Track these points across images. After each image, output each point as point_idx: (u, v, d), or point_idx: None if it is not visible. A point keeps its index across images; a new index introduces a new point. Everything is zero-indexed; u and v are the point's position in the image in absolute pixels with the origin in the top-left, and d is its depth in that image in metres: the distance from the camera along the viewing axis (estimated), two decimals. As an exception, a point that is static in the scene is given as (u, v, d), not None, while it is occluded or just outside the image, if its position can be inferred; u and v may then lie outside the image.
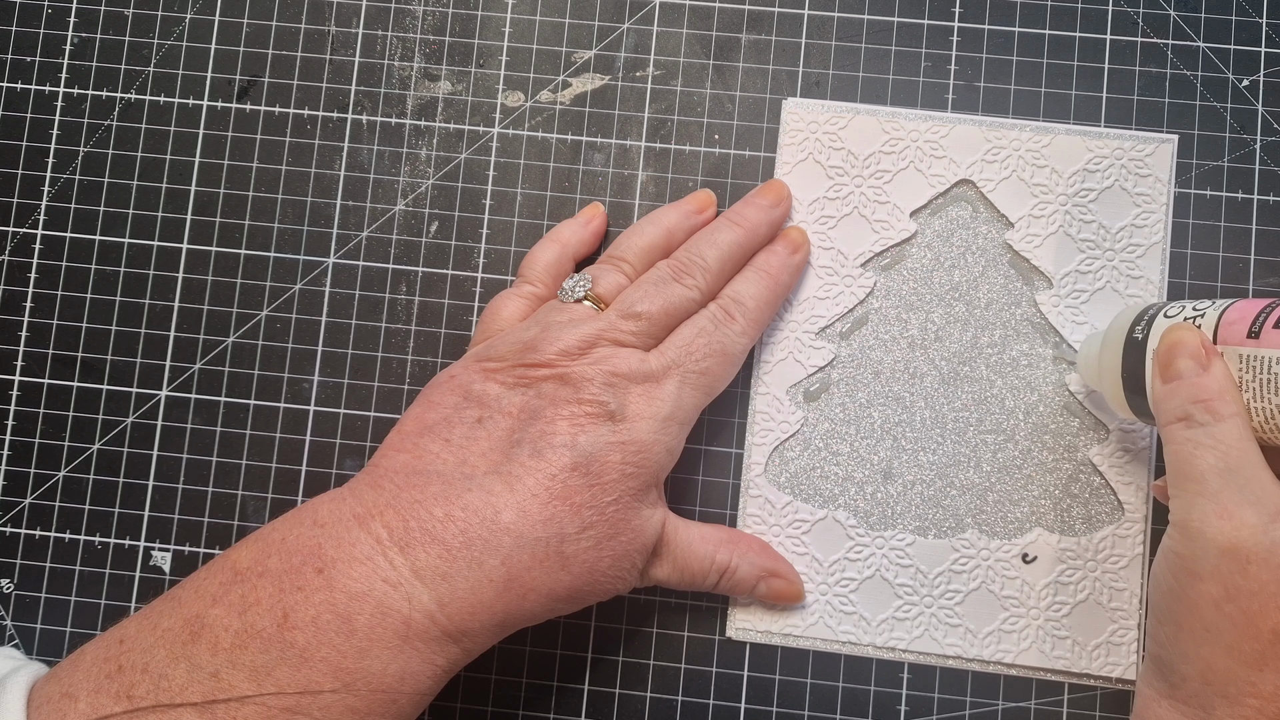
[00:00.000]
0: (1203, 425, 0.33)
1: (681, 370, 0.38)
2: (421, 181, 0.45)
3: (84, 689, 0.33)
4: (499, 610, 0.35)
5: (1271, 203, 0.43)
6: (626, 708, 0.42)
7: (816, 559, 0.42)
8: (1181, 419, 0.34)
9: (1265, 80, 0.44)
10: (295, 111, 0.46)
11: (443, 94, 0.45)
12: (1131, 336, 0.37)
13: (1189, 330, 0.35)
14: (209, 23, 0.46)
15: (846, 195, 0.44)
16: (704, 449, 0.43)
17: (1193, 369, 0.34)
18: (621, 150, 0.45)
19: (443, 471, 0.36)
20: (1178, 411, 0.34)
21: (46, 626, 0.44)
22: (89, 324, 0.45)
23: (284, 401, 0.44)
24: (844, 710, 0.42)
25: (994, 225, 0.43)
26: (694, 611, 0.43)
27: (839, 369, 0.43)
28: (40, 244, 0.45)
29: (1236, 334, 0.34)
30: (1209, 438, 0.33)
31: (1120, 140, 0.43)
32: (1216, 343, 0.35)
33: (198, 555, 0.44)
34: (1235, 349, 0.34)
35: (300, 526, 0.35)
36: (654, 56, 0.45)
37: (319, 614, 0.33)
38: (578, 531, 0.36)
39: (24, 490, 0.45)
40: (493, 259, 0.45)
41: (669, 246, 0.42)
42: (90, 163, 0.46)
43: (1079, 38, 0.44)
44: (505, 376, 0.38)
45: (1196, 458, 0.33)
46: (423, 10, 0.46)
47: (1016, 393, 0.43)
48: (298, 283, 0.45)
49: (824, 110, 0.44)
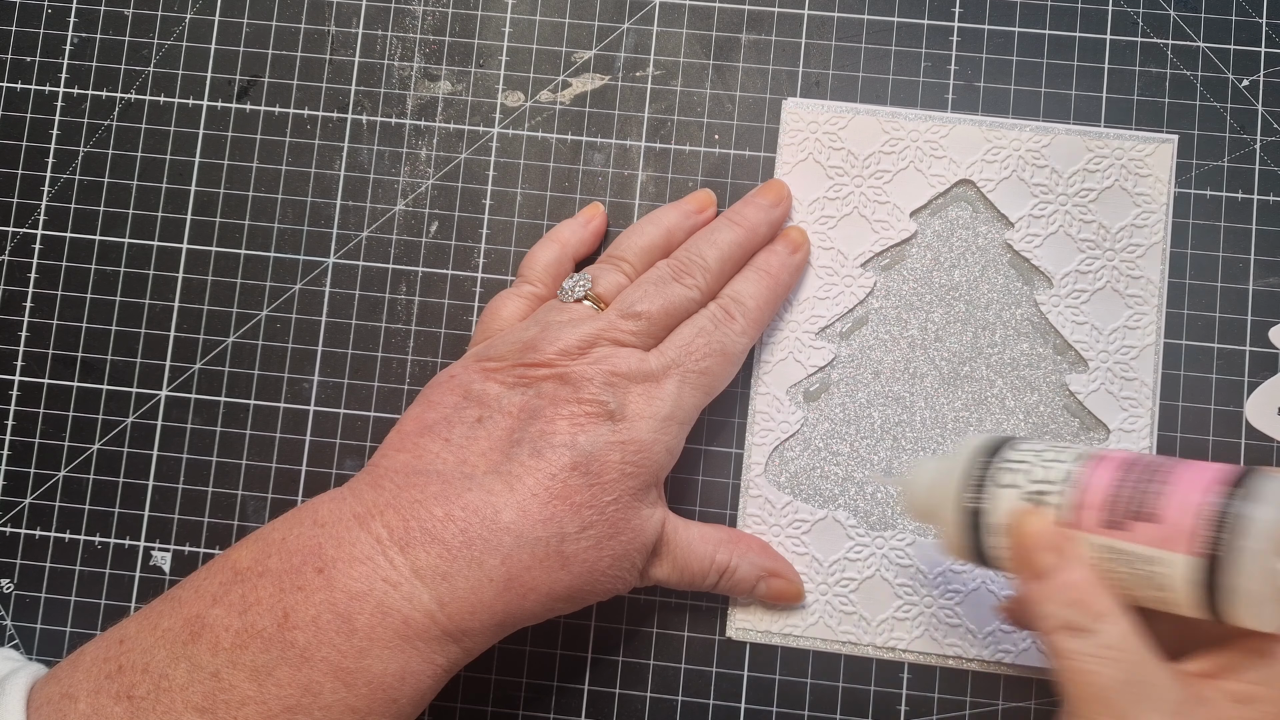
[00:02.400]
0: (1090, 634, 0.31)
1: (681, 370, 0.38)
2: (421, 181, 0.45)
3: (84, 689, 0.33)
4: (499, 610, 0.35)
5: (1271, 203, 0.43)
6: (626, 708, 0.42)
7: (816, 559, 0.42)
8: (1063, 627, 0.31)
9: (1265, 80, 0.44)
10: (295, 111, 0.46)
11: (443, 94, 0.45)
12: (965, 506, 0.34)
13: (1043, 519, 0.32)
14: (209, 23, 0.46)
15: (846, 195, 0.44)
16: (704, 449, 0.43)
17: (1055, 563, 0.32)
18: (621, 150, 0.45)
19: (443, 471, 0.36)
20: (1057, 619, 0.31)
21: (46, 626, 0.44)
22: (89, 324, 0.45)
23: (284, 401, 0.44)
24: (844, 710, 0.42)
25: (994, 225, 0.43)
26: (694, 611, 0.43)
27: (839, 369, 0.43)
28: (40, 244, 0.45)
29: (1094, 520, 0.32)
30: (1100, 648, 0.31)
31: (1120, 140, 0.43)
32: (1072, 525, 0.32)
33: (198, 555, 0.44)
34: (1095, 537, 0.32)
35: (300, 526, 0.35)
36: (654, 56, 0.45)
37: (319, 614, 0.33)
38: (578, 531, 0.36)
39: (24, 490, 0.45)
40: (493, 259, 0.45)
41: (669, 246, 0.42)
42: (90, 163, 0.46)
43: (1079, 38, 0.44)
44: (505, 376, 0.38)
45: (1094, 674, 0.30)
46: (423, 10, 0.46)
47: (1016, 393, 0.43)
48: (298, 283, 0.45)
49: (824, 110, 0.44)
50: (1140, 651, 0.31)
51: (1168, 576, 0.30)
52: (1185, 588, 0.30)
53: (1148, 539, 0.31)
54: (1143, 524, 0.31)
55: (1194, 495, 0.30)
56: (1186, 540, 0.30)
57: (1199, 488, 0.30)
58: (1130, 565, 0.31)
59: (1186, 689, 0.31)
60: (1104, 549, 0.32)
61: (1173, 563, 0.30)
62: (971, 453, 0.35)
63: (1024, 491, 0.33)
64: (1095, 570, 0.32)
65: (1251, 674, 0.31)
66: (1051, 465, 0.33)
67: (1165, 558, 0.30)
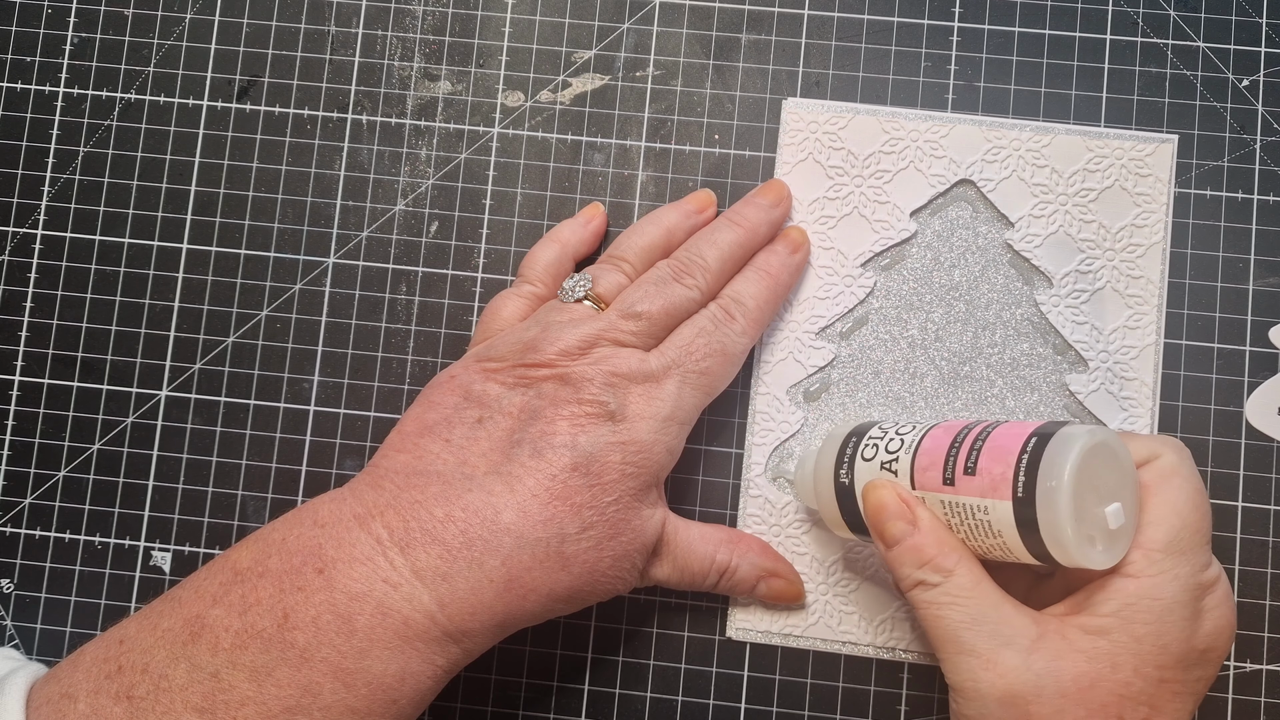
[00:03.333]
0: (937, 585, 0.34)
1: (682, 370, 0.38)
2: (421, 181, 0.45)
3: (84, 689, 0.33)
4: (499, 610, 0.35)
5: (1271, 203, 0.43)
6: (626, 708, 0.42)
7: (816, 559, 0.42)
8: (917, 585, 0.34)
9: (1265, 80, 0.44)
10: (295, 111, 0.46)
11: (443, 94, 0.45)
12: (839, 482, 0.38)
13: (887, 488, 0.36)
14: (209, 23, 0.46)
15: (846, 195, 0.44)
16: (704, 449, 0.43)
17: (905, 530, 0.35)
18: (621, 150, 0.45)
19: (443, 472, 0.36)
20: (910, 579, 0.35)
21: (46, 626, 0.44)
22: (89, 324, 0.45)
23: (284, 401, 0.44)
24: (844, 710, 0.42)
25: (994, 225, 0.43)
26: (694, 611, 0.43)
27: (839, 369, 0.43)
28: (40, 244, 0.45)
29: (932, 480, 0.35)
30: (947, 595, 0.34)
31: (1120, 140, 0.43)
32: (915, 487, 0.35)
33: (198, 555, 0.44)
34: (935, 495, 0.35)
35: (300, 527, 0.35)
36: (654, 56, 0.45)
37: (319, 614, 0.33)
38: (578, 532, 0.36)
39: (24, 490, 0.45)
40: (493, 259, 0.45)
41: (669, 246, 0.42)
42: (90, 163, 0.46)
43: (1079, 38, 0.44)
44: (505, 376, 0.38)
45: (944, 618, 0.34)
46: (423, 10, 0.46)
47: (1016, 393, 0.43)
48: (298, 283, 0.45)
49: (824, 110, 0.44)
50: (989, 595, 0.33)
51: (997, 523, 0.33)
52: (1011, 532, 0.33)
53: (976, 490, 0.34)
54: (970, 478, 0.34)
55: (1009, 446, 0.33)
56: (1005, 487, 0.33)
57: (1013, 440, 0.33)
58: (968, 516, 0.34)
59: (1043, 627, 0.33)
60: (943, 505, 0.35)
61: (997, 509, 0.33)
62: (844, 435, 0.38)
63: (879, 463, 0.37)
64: (941, 528, 0.34)
65: (1101, 608, 0.33)
66: (902, 437, 0.36)
67: (991, 505, 0.33)
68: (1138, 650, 0.32)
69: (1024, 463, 0.33)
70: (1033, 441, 0.33)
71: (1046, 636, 0.33)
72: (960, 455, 0.34)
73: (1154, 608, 0.32)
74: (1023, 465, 0.33)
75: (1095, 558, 0.32)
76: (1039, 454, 0.32)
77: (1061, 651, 0.32)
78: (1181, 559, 0.33)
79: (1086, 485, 0.32)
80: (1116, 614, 0.33)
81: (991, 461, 0.33)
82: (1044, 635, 0.33)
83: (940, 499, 0.35)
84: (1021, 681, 0.32)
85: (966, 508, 0.34)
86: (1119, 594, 0.33)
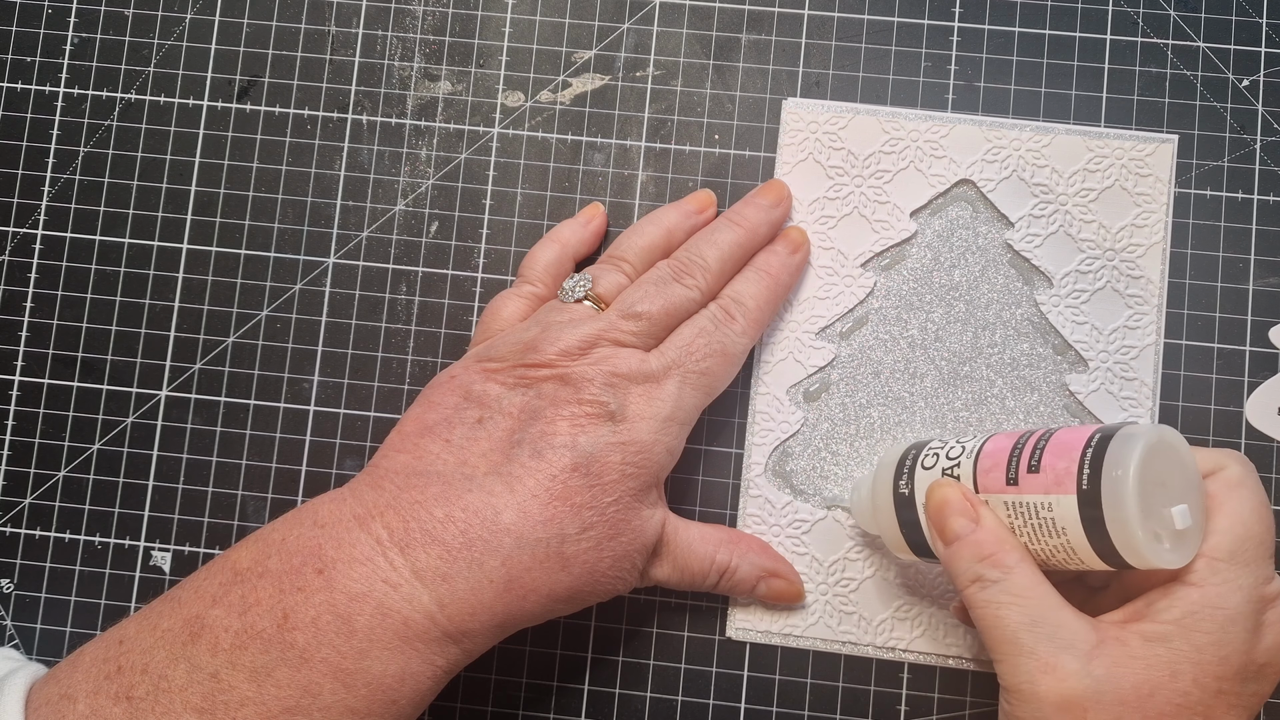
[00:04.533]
0: (995, 582, 0.33)
1: (682, 370, 0.38)
2: (421, 181, 0.45)
3: (83, 690, 0.33)
4: (499, 611, 0.35)
5: (1271, 203, 0.43)
6: (626, 708, 0.42)
7: (816, 559, 0.42)
8: (974, 580, 0.34)
9: (1265, 80, 0.44)
10: (295, 111, 0.46)
11: (443, 94, 0.45)
12: (898, 493, 0.37)
13: (951, 486, 0.35)
14: (209, 23, 0.46)
15: (846, 195, 0.44)
16: (704, 449, 0.43)
17: (966, 526, 0.34)
18: (621, 150, 0.45)
19: (443, 472, 0.36)
20: (969, 574, 0.34)
21: (46, 626, 0.44)
22: (89, 324, 0.45)
23: (284, 401, 0.44)
24: (844, 710, 0.42)
25: (994, 225, 0.43)
26: (694, 611, 0.43)
27: (839, 369, 0.43)
28: (40, 244, 0.45)
29: (995, 482, 0.35)
30: (1006, 594, 0.33)
31: (1120, 140, 0.43)
32: (979, 491, 0.35)
33: (198, 555, 0.44)
34: (998, 497, 0.35)
35: (300, 527, 0.35)
36: (654, 56, 0.45)
37: (319, 615, 0.33)
38: (578, 532, 0.35)
39: (24, 490, 0.45)
40: (493, 259, 0.45)
41: (669, 246, 0.42)
42: (90, 163, 0.46)
43: (1079, 38, 0.44)
44: (505, 377, 0.38)
45: (1002, 618, 0.33)
46: (423, 10, 0.46)
47: (1016, 393, 0.43)
48: (298, 283, 0.45)
49: (824, 110, 0.44)
50: (1048, 597, 0.33)
51: (1061, 519, 0.33)
52: (1075, 527, 0.33)
53: (1040, 487, 0.33)
54: (1034, 475, 0.34)
55: (1073, 443, 0.33)
56: (1069, 481, 0.33)
57: (1077, 437, 0.34)
58: (1031, 515, 0.34)
59: (1102, 634, 0.33)
60: (1006, 506, 0.34)
61: (1061, 504, 0.33)
62: (902, 450, 0.38)
63: (940, 470, 0.37)
64: (1003, 528, 0.34)
65: (1163, 615, 0.33)
66: (963, 444, 0.37)
67: (1055, 500, 0.33)
68: (1198, 660, 0.32)
69: (1089, 456, 0.32)
70: (1097, 437, 0.33)
71: (1106, 643, 0.32)
72: (1024, 454, 0.34)
73: (1216, 617, 0.32)
74: (1087, 458, 0.32)
75: (1163, 555, 0.32)
76: (1104, 447, 0.32)
77: (1121, 659, 0.32)
78: (1245, 570, 0.33)
79: (1152, 480, 0.32)
80: (1178, 622, 0.32)
81: (1055, 458, 0.33)
82: (1103, 642, 0.32)
83: (1003, 500, 0.34)
84: (1081, 688, 0.32)
85: (1030, 506, 0.34)
86: (1181, 601, 0.32)
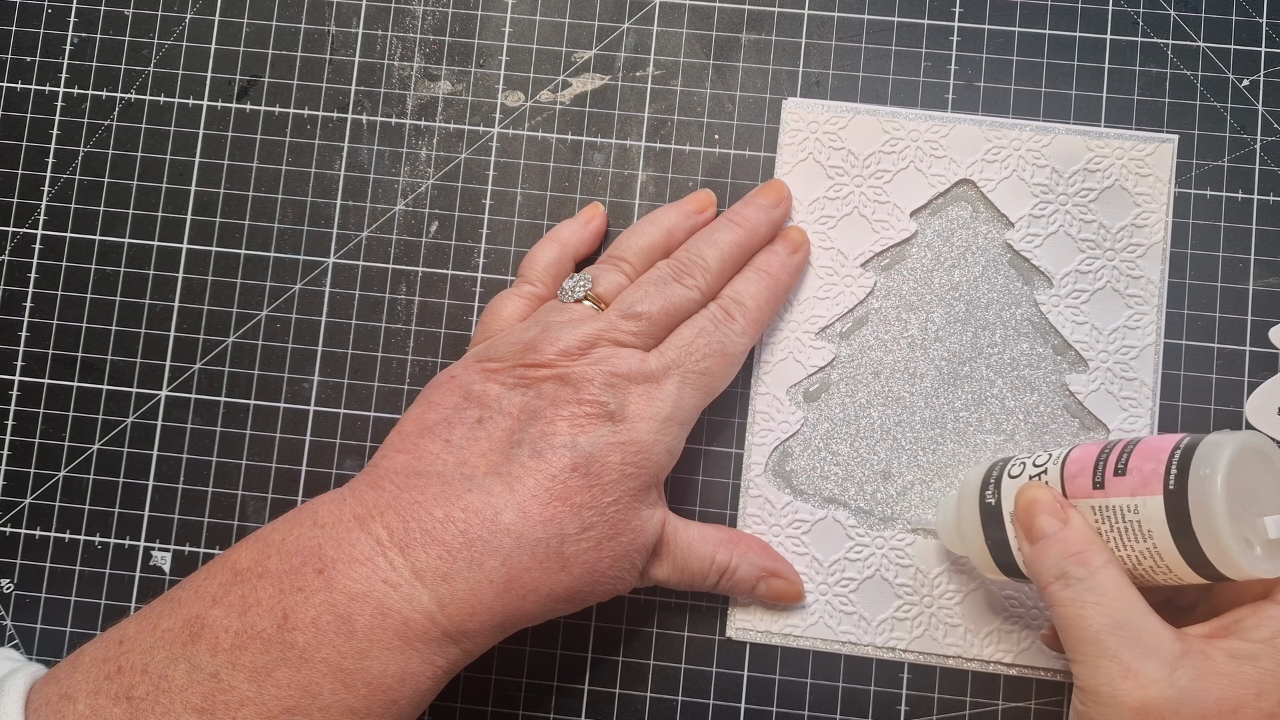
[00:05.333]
0: (1080, 580, 0.33)
1: (681, 370, 0.38)
2: (421, 181, 0.45)
3: (83, 690, 0.33)
4: (499, 611, 0.35)
5: (1271, 203, 0.43)
6: (626, 708, 0.42)
7: (816, 559, 0.42)
8: (1059, 578, 0.34)
9: (1265, 80, 0.43)
10: (295, 111, 0.46)
11: (443, 94, 0.45)
12: (985, 503, 0.37)
13: (1041, 488, 0.35)
14: (209, 23, 0.46)
15: (846, 195, 0.44)
16: (704, 449, 0.43)
17: (1054, 525, 0.34)
18: (621, 150, 0.45)
19: (443, 472, 0.36)
20: (1053, 571, 0.34)
21: (46, 626, 0.44)
22: (89, 324, 0.45)
23: (284, 401, 0.44)
24: (844, 710, 0.42)
25: (994, 225, 0.43)
26: (694, 611, 0.43)
27: (839, 369, 0.43)
28: (40, 244, 0.45)
29: (1082, 487, 0.35)
30: (1091, 593, 0.33)
31: (1120, 140, 0.43)
32: (1066, 497, 0.35)
33: (198, 555, 0.44)
34: (1086, 501, 0.34)
35: (300, 527, 0.35)
36: (654, 56, 0.45)
37: (319, 615, 0.33)
38: (578, 532, 0.35)
39: (24, 490, 0.45)
40: (493, 259, 0.45)
41: (669, 246, 0.42)
42: (90, 163, 0.46)
43: (1079, 38, 0.44)
44: (505, 377, 0.38)
45: (1085, 618, 0.33)
46: (423, 10, 0.46)
47: (1016, 393, 0.43)
48: (298, 283, 0.45)
49: (824, 110, 0.44)
50: (1134, 602, 0.33)
51: (1147, 521, 0.33)
52: (1162, 529, 0.32)
53: (1127, 489, 0.33)
54: (1120, 479, 0.34)
55: (1161, 446, 0.33)
56: (1156, 482, 0.32)
57: (1165, 441, 0.34)
58: (1118, 519, 0.33)
59: (1186, 645, 0.32)
60: (1093, 510, 0.34)
61: (1148, 505, 0.33)
62: (988, 465, 0.39)
63: (1027, 477, 0.36)
64: (1092, 531, 0.34)
65: (1251, 634, 0.32)
66: (1049, 453, 0.37)
67: (1141, 502, 0.33)
68: None
69: (1176, 457, 0.32)
70: (1185, 440, 0.33)
71: (1190, 655, 0.32)
72: (1111, 458, 0.34)
73: None
74: (1175, 459, 0.32)
75: (1255, 563, 0.31)
76: (1192, 448, 0.32)
77: (1205, 672, 0.32)
78: None
79: (1242, 485, 0.32)
80: (1268, 641, 0.32)
81: (1143, 460, 0.33)
82: (1187, 653, 0.32)
83: (1090, 504, 0.34)
84: (1162, 696, 0.31)
85: (1116, 510, 0.33)
86: (1272, 621, 0.32)
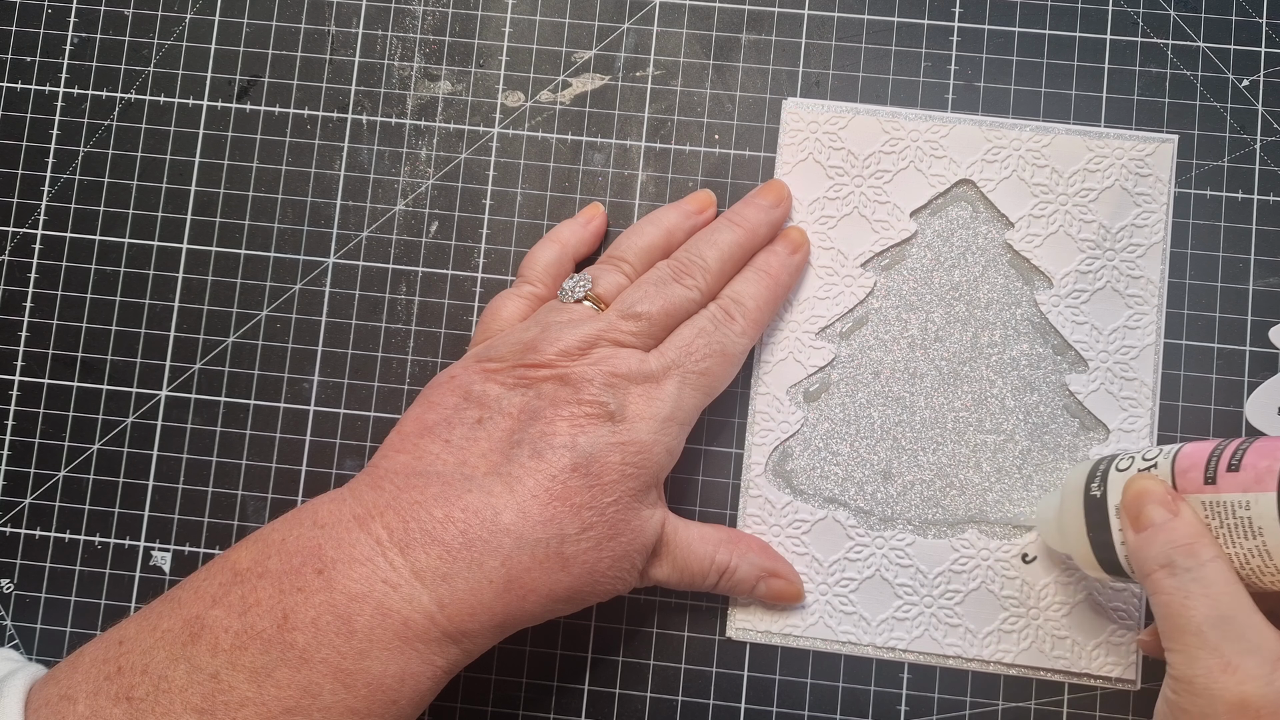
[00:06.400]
0: (1187, 570, 0.33)
1: (681, 370, 0.38)
2: (421, 181, 0.45)
3: (83, 691, 0.33)
4: (499, 611, 0.35)
5: (1271, 203, 0.43)
6: (626, 708, 0.42)
7: (816, 559, 0.42)
8: (1164, 566, 0.33)
9: (1265, 80, 0.43)
10: (295, 111, 0.46)
11: (443, 94, 0.45)
12: (1090, 495, 0.37)
13: (1152, 479, 0.35)
14: (209, 23, 0.46)
15: (846, 195, 0.44)
16: (704, 449, 0.43)
17: (1164, 515, 0.34)
18: (621, 150, 0.45)
19: (443, 472, 0.36)
20: (1159, 559, 0.33)
21: (46, 626, 0.44)
22: (89, 324, 0.45)
23: (284, 401, 0.44)
24: (844, 710, 0.42)
25: (994, 225, 0.43)
26: (694, 611, 0.43)
27: (839, 369, 0.43)
28: (40, 244, 0.45)
29: (1193, 482, 0.34)
30: (1197, 584, 0.32)
31: (1120, 140, 0.43)
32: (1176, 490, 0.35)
33: (198, 555, 0.44)
34: (1196, 497, 0.34)
35: (300, 527, 0.35)
36: (654, 56, 0.45)
37: (319, 615, 0.33)
38: (578, 532, 0.36)
39: (24, 490, 0.45)
40: (493, 259, 0.45)
41: (669, 247, 0.42)
42: (90, 163, 0.46)
43: (1079, 38, 0.44)
44: (505, 377, 0.38)
45: (1189, 608, 0.32)
46: (423, 10, 0.46)
47: (1016, 393, 0.43)
48: (298, 283, 0.45)
49: (824, 110, 0.44)
50: (1240, 598, 0.32)
51: (1258, 518, 0.32)
52: (1273, 525, 0.32)
53: (1239, 485, 0.33)
54: (1233, 474, 0.33)
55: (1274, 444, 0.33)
56: (1270, 479, 0.32)
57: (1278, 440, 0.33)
58: (1228, 515, 0.33)
59: None
60: (1203, 506, 0.34)
61: (1260, 502, 0.32)
62: (1091, 463, 0.38)
63: (1136, 470, 0.36)
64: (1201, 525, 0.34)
65: None
66: (1160, 448, 0.36)
67: (1254, 499, 0.32)
68: None
69: None
70: None
71: None
72: (1225, 454, 0.34)
73: None
74: None
75: None
76: None
77: None
78: None
79: None
80: None
81: (1259, 457, 0.33)
82: None
83: (1200, 500, 0.34)
84: (1260, 694, 0.31)
85: (1227, 505, 0.33)
86: None
